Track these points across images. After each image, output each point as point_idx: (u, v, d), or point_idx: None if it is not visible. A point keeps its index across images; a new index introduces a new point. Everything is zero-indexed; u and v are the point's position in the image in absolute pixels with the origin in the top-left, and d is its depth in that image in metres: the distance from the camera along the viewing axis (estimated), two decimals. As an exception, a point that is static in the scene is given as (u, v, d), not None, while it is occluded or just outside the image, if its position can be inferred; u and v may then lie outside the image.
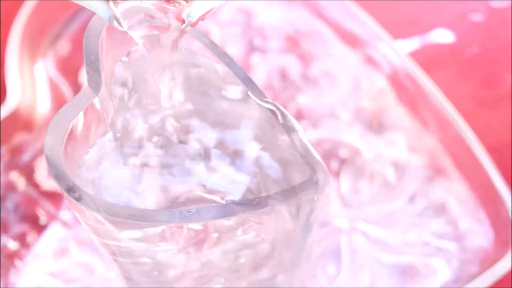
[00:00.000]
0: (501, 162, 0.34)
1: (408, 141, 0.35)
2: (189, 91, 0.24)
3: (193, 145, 0.24)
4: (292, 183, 0.23)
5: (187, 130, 0.24)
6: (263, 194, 0.24)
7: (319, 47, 0.38)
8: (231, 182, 0.24)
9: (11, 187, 0.34)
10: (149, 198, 0.24)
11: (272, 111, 0.23)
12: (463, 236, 0.33)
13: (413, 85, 0.35)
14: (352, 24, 0.37)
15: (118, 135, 0.23)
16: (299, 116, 0.37)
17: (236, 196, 0.24)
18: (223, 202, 0.24)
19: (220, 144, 0.24)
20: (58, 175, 0.19)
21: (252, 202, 0.20)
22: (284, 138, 0.23)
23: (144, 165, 0.24)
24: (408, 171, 0.35)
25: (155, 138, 0.24)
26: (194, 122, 0.24)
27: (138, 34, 0.21)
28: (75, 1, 0.20)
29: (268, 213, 0.21)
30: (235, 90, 0.24)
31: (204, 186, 0.24)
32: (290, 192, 0.21)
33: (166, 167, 0.24)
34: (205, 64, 0.23)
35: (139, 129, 0.24)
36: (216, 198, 0.24)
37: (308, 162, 0.22)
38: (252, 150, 0.24)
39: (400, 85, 0.36)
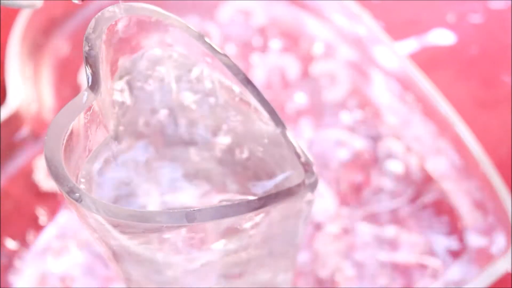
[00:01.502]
0: (500, 163, 0.34)
1: (408, 141, 0.35)
2: (190, 95, 0.24)
3: (193, 149, 0.24)
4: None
5: (188, 134, 0.24)
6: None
7: (318, 47, 0.38)
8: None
9: (11, 187, 0.34)
10: (148, 202, 0.24)
11: (269, 112, 0.23)
12: (462, 236, 0.33)
13: (413, 86, 0.35)
14: (352, 24, 0.37)
15: (121, 135, 0.23)
16: (299, 115, 0.37)
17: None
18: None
19: (217, 147, 0.24)
20: (58, 176, 0.19)
21: (251, 203, 0.20)
22: (279, 138, 0.23)
23: (144, 168, 0.24)
24: (407, 171, 0.35)
25: (156, 141, 0.24)
26: (196, 127, 0.24)
27: None
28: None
29: (266, 213, 0.22)
30: (233, 95, 0.24)
31: (204, 191, 0.24)
32: (287, 193, 0.21)
33: (168, 171, 0.24)
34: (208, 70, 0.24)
35: (140, 131, 0.24)
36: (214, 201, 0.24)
37: (303, 163, 0.22)
38: (242, 151, 0.24)
39: (400, 86, 0.36)
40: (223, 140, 0.24)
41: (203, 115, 0.24)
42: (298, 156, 0.22)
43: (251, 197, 0.22)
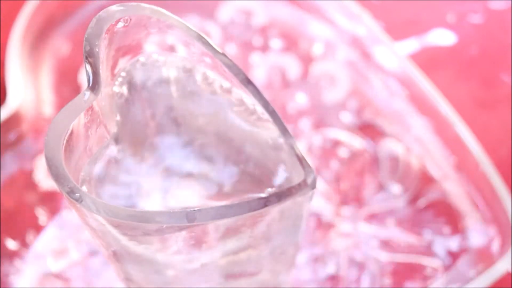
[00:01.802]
0: (500, 163, 0.34)
1: (408, 141, 0.35)
2: (193, 99, 0.24)
3: (194, 151, 0.24)
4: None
5: (188, 136, 0.24)
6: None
7: (318, 47, 0.38)
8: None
9: (11, 187, 0.34)
10: (150, 203, 0.24)
11: (269, 112, 0.23)
12: (462, 236, 0.33)
13: (413, 86, 0.35)
14: (352, 24, 0.37)
15: (122, 136, 0.23)
16: (299, 116, 0.37)
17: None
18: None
19: (218, 149, 0.24)
20: (58, 176, 0.19)
21: (251, 203, 0.20)
22: (278, 139, 0.23)
23: (145, 169, 0.24)
24: (408, 171, 0.35)
25: (156, 142, 0.24)
26: (196, 129, 0.24)
27: None
28: None
29: (266, 213, 0.22)
30: (232, 96, 0.24)
31: (203, 193, 0.24)
32: (287, 193, 0.21)
33: (168, 172, 0.24)
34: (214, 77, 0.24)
35: (141, 133, 0.24)
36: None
37: (303, 163, 0.22)
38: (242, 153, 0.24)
39: (400, 86, 0.36)
40: (223, 142, 0.24)
41: (204, 117, 0.24)
42: (298, 156, 0.22)
43: (251, 198, 0.22)
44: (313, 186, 0.21)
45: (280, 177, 0.23)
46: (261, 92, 0.23)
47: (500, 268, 0.30)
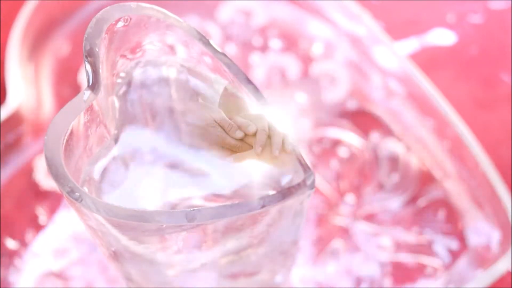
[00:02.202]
0: (500, 162, 0.34)
1: (408, 141, 0.35)
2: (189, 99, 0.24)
3: (194, 151, 0.24)
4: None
5: (188, 136, 0.24)
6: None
7: (318, 47, 0.38)
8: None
9: (11, 186, 0.34)
10: (150, 203, 0.24)
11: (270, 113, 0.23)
12: (462, 236, 0.33)
13: (413, 86, 0.35)
14: (352, 24, 0.37)
15: (122, 137, 0.23)
16: (299, 115, 0.37)
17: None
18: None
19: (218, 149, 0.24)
20: (58, 176, 0.19)
21: (251, 203, 0.20)
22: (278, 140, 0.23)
23: (146, 169, 0.24)
24: (408, 171, 0.35)
25: (157, 142, 0.24)
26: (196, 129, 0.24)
27: None
28: None
29: (266, 213, 0.22)
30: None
31: (203, 193, 0.24)
32: (287, 193, 0.21)
33: (168, 173, 0.24)
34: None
35: (141, 133, 0.24)
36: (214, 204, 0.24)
37: (302, 164, 0.22)
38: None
39: (400, 86, 0.36)
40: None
41: (204, 118, 0.24)
42: (297, 157, 0.22)
43: (251, 198, 0.22)
44: (312, 186, 0.21)
45: (280, 178, 0.23)
46: (261, 92, 0.23)
47: (500, 268, 0.30)
